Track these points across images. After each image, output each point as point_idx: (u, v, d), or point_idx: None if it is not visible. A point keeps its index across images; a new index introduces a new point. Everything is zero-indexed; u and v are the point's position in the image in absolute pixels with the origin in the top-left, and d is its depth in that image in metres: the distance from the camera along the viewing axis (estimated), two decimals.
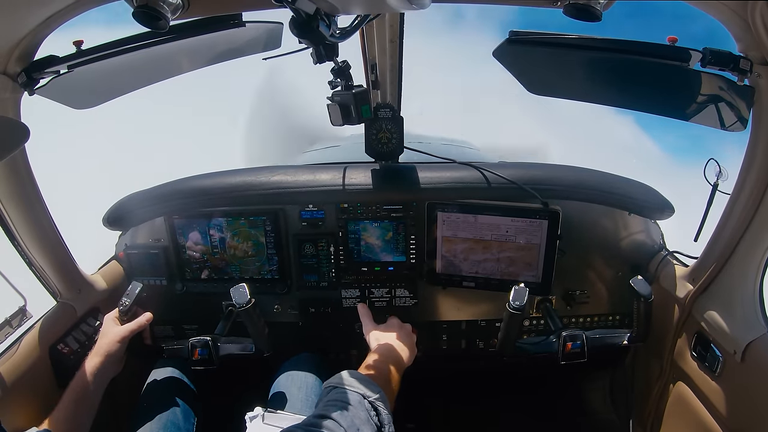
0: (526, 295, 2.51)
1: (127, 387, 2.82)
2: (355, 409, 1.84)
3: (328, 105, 2.49)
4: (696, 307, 2.55)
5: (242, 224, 2.98)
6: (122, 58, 2.13)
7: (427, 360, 2.71)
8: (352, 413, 1.82)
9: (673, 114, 2.38)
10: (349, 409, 1.83)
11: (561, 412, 3.92)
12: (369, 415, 1.87)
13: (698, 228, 2.57)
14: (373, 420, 1.88)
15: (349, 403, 1.86)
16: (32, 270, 2.52)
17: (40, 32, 1.91)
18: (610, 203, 2.91)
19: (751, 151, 2.07)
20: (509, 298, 2.52)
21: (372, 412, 1.90)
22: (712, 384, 2.41)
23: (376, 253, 3.05)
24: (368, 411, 1.88)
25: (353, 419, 1.79)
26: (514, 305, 2.50)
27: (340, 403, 1.85)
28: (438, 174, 2.93)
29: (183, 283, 3.12)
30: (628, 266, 3.02)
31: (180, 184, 3.02)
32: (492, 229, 2.79)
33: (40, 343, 2.45)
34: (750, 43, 1.82)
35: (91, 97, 2.52)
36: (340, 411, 1.80)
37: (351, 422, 1.77)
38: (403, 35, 2.33)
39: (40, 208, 2.40)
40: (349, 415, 1.80)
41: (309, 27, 1.64)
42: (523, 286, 2.53)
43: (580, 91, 2.66)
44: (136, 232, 3.10)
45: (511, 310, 2.52)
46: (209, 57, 2.53)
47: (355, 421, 1.79)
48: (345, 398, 1.89)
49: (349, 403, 1.85)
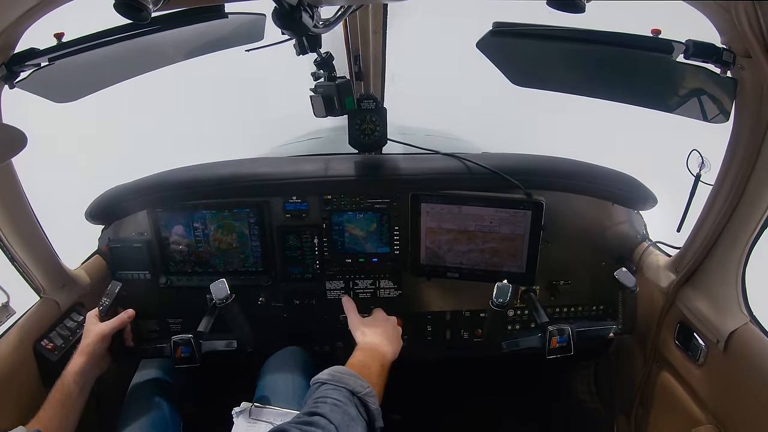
0: (509, 291, 2.50)
1: (112, 387, 2.80)
2: (345, 406, 1.84)
3: (311, 96, 2.49)
4: (679, 296, 2.57)
5: (226, 216, 2.96)
6: (104, 51, 2.10)
7: (411, 351, 2.71)
8: (343, 410, 1.82)
9: (655, 105, 2.38)
10: (339, 406, 1.82)
11: (546, 401, 3.95)
12: (359, 410, 1.87)
13: (681, 218, 2.59)
14: (363, 416, 1.88)
15: (339, 400, 1.85)
16: (14, 265, 2.49)
17: (20, 25, 1.87)
18: (593, 194, 2.93)
19: (733, 142, 2.08)
20: (492, 296, 2.51)
21: (361, 408, 1.90)
22: (696, 373, 2.43)
23: (361, 244, 3.05)
24: (358, 407, 1.88)
25: (344, 416, 1.79)
26: (497, 302, 2.50)
27: (330, 400, 1.84)
28: (422, 165, 2.93)
29: (167, 276, 3.09)
30: (612, 256, 3.04)
31: (163, 177, 3.00)
32: (476, 219, 2.79)
33: (24, 339, 2.43)
34: (733, 35, 1.83)
35: (72, 91, 2.48)
36: (331, 408, 1.80)
37: (342, 419, 1.77)
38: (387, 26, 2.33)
39: (21, 203, 2.37)
40: (339, 412, 1.79)
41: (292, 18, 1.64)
42: (506, 282, 2.52)
43: (563, 83, 2.66)
44: (119, 226, 3.07)
45: (495, 307, 2.51)
46: (191, 49, 2.50)
47: (346, 418, 1.79)
48: (334, 395, 1.88)
49: (339, 400, 1.85)
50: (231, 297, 2.54)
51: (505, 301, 2.48)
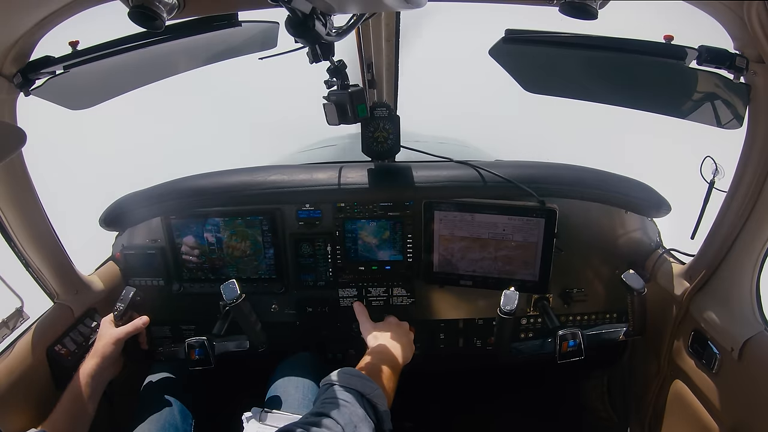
0: (516, 299, 2.49)
1: (124, 390, 2.81)
2: (353, 406, 1.84)
3: (324, 104, 2.49)
4: (693, 304, 2.55)
5: (239, 224, 2.97)
6: (118, 59, 2.13)
7: (424, 359, 2.71)
8: (350, 410, 1.82)
9: (669, 112, 2.38)
10: (346, 407, 1.83)
11: (559, 410, 3.92)
12: (366, 412, 1.87)
13: (695, 225, 2.57)
14: (371, 417, 1.88)
15: (347, 401, 1.86)
16: (29, 271, 2.51)
17: (35, 33, 1.90)
18: (606, 201, 2.92)
19: (747, 148, 2.07)
20: (500, 303, 2.51)
21: (370, 409, 1.90)
22: (710, 381, 2.41)
23: (373, 252, 3.05)
24: (365, 408, 1.88)
25: (350, 416, 1.80)
26: (505, 310, 2.49)
27: (338, 401, 1.85)
28: (435, 173, 2.92)
29: (180, 283, 3.10)
30: (625, 264, 3.01)
31: (177, 184, 3.01)
32: (489, 227, 2.79)
33: (38, 344, 2.44)
34: (746, 41, 1.82)
35: (87, 98, 2.50)
36: (338, 408, 1.80)
37: (348, 419, 1.77)
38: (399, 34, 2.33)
39: (36, 209, 2.39)
40: (346, 413, 1.80)
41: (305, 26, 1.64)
42: (513, 290, 2.51)
43: (576, 89, 2.66)
44: (133, 233, 3.08)
45: (502, 314, 2.50)
46: (205, 57, 2.52)
47: (353, 419, 1.79)
48: (342, 395, 1.88)
49: (346, 401, 1.85)
50: (241, 297, 2.54)
51: (512, 309, 2.47)
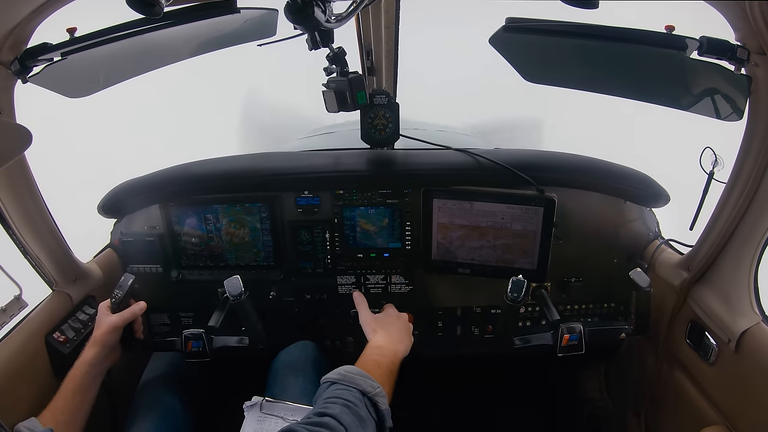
0: (524, 287, 2.50)
1: (124, 379, 2.82)
2: (356, 407, 1.84)
3: (323, 92, 2.49)
4: (691, 295, 2.56)
5: (238, 210, 2.96)
6: (116, 46, 2.12)
7: (422, 346, 2.71)
8: (353, 411, 1.82)
9: (669, 103, 2.37)
10: (349, 407, 1.82)
11: (556, 399, 3.94)
12: (368, 411, 1.87)
13: (694, 216, 2.57)
14: (373, 416, 1.88)
15: (350, 401, 1.85)
16: (27, 258, 2.51)
17: (33, 19, 1.89)
18: (605, 191, 2.91)
19: (747, 140, 2.06)
20: (507, 290, 2.51)
21: (371, 408, 1.90)
22: (707, 372, 2.43)
23: (372, 239, 3.05)
24: (368, 407, 1.89)
25: (354, 417, 1.79)
26: (512, 296, 2.50)
27: (340, 401, 1.84)
28: (434, 160, 2.92)
29: (179, 270, 3.10)
30: (624, 254, 3.02)
31: (175, 171, 3.01)
32: (488, 215, 2.78)
33: (36, 332, 2.45)
34: (747, 32, 1.81)
35: (85, 86, 2.49)
36: (341, 408, 1.80)
37: (351, 420, 1.77)
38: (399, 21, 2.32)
39: (34, 196, 2.38)
40: (349, 413, 1.79)
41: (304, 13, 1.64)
42: (521, 277, 2.52)
43: (576, 79, 2.65)
44: (132, 220, 3.08)
45: (509, 302, 2.52)
46: (204, 44, 2.51)
47: (356, 419, 1.79)
48: (344, 395, 1.88)
49: (349, 401, 1.85)
50: (245, 294, 2.55)
51: (519, 296, 2.48)
